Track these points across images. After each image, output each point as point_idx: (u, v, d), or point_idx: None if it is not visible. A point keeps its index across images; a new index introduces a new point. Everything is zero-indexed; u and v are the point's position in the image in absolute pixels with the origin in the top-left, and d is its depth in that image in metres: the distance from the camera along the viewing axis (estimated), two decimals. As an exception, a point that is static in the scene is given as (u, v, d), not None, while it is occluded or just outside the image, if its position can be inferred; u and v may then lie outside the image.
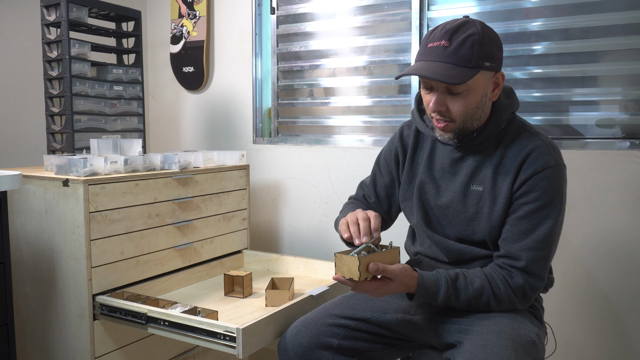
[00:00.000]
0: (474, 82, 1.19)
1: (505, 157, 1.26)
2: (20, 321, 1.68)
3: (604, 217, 1.77)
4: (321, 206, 2.30)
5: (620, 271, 1.75)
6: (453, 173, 1.33)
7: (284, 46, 2.47)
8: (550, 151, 1.24)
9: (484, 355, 1.07)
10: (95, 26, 2.03)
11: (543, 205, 1.21)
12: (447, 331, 1.23)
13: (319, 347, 1.27)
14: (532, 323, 1.23)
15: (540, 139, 1.26)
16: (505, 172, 1.25)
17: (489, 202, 1.26)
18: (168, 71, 2.72)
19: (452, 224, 1.33)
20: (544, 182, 1.21)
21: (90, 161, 1.59)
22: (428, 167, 1.38)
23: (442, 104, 1.22)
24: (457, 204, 1.31)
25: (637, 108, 1.78)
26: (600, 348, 1.79)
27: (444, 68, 1.16)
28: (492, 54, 1.21)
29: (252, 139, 2.50)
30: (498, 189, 1.25)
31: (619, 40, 1.79)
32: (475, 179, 1.29)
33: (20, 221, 1.66)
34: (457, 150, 1.32)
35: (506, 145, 1.27)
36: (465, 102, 1.20)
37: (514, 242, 1.22)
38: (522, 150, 1.24)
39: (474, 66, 1.17)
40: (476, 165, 1.29)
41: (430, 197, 1.36)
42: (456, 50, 1.16)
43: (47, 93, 1.97)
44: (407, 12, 2.15)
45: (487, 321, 1.19)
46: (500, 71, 1.25)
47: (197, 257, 1.91)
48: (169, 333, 1.41)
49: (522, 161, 1.23)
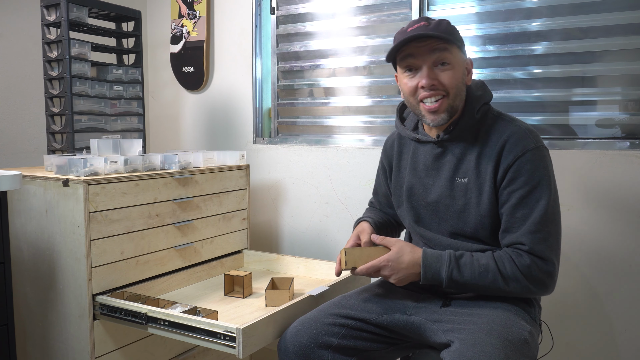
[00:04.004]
0: (454, 56, 1.28)
1: (485, 147, 1.29)
2: (20, 321, 1.68)
3: (603, 217, 1.76)
4: (321, 206, 2.30)
5: (620, 271, 1.75)
6: (437, 169, 1.36)
7: (284, 46, 2.47)
8: (528, 135, 1.27)
9: (473, 355, 1.08)
10: (95, 26, 2.03)
11: (532, 188, 1.23)
12: (441, 330, 1.23)
13: (319, 346, 1.27)
14: (526, 321, 1.23)
15: (516, 124, 1.29)
16: (486, 161, 1.28)
17: (476, 192, 1.29)
18: (168, 71, 2.72)
19: (444, 219, 1.35)
20: (528, 166, 1.23)
21: (90, 161, 1.59)
22: (413, 169, 1.42)
23: (433, 77, 1.27)
24: (445, 198, 1.33)
25: (637, 108, 1.78)
26: (600, 348, 1.79)
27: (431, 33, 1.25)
28: (461, 40, 1.32)
29: (252, 139, 2.50)
30: (482, 178, 1.28)
31: (619, 40, 1.79)
32: (459, 171, 1.32)
33: (20, 221, 1.66)
34: (437, 146, 1.36)
35: (484, 135, 1.31)
36: (453, 74, 1.28)
37: (514, 230, 1.24)
38: (500, 138, 1.28)
39: (452, 40, 1.27)
40: (458, 158, 1.33)
41: (419, 197, 1.40)
42: (437, 26, 1.27)
43: (47, 93, 1.97)
44: (407, 12, 2.15)
45: (479, 320, 1.19)
46: (470, 59, 1.35)
47: (197, 257, 1.91)
48: (169, 333, 1.41)
49: (501, 148, 1.26)
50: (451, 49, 1.27)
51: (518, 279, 1.22)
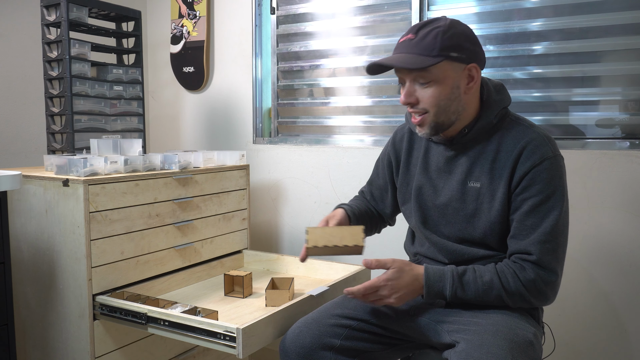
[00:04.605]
0: (440, 72, 1.20)
1: (500, 152, 1.26)
2: (20, 321, 1.68)
3: (604, 217, 1.77)
4: (321, 206, 2.30)
5: (620, 271, 1.75)
6: (449, 172, 1.33)
7: (284, 46, 2.47)
8: (546, 143, 1.23)
9: (480, 355, 1.08)
10: (95, 26, 2.03)
11: (546, 197, 1.20)
12: (445, 331, 1.23)
13: (321, 347, 1.26)
14: (530, 323, 1.23)
15: (535, 131, 1.26)
16: (501, 166, 1.25)
17: (488, 197, 1.26)
18: (168, 71, 2.72)
19: (451, 223, 1.32)
20: (544, 174, 1.21)
21: (90, 161, 1.59)
22: (424, 168, 1.38)
23: (410, 95, 1.24)
24: (455, 202, 1.31)
25: (637, 108, 1.78)
26: (600, 348, 1.79)
27: (406, 57, 1.20)
28: (460, 45, 1.21)
29: (252, 139, 2.50)
30: (496, 184, 1.25)
31: (619, 40, 1.79)
32: (472, 175, 1.29)
33: (20, 221, 1.66)
34: (450, 149, 1.33)
35: (500, 139, 1.27)
36: (435, 92, 1.22)
37: (522, 238, 1.22)
38: (517, 144, 1.24)
39: (436, 55, 1.19)
40: (471, 162, 1.29)
41: (428, 198, 1.37)
42: (420, 41, 1.20)
43: (47, 93, 1.97)
44: (407, 12, 2.15)
45: (484, 321, 1.19)
46: (474, 64, 1.24)
47: (197, 257, 1.91)
48: (169, 333, 1.41)
49: (519, 155, 1.23)
50: (432, 68, 1.20)
51: (522, 294, 1.21)
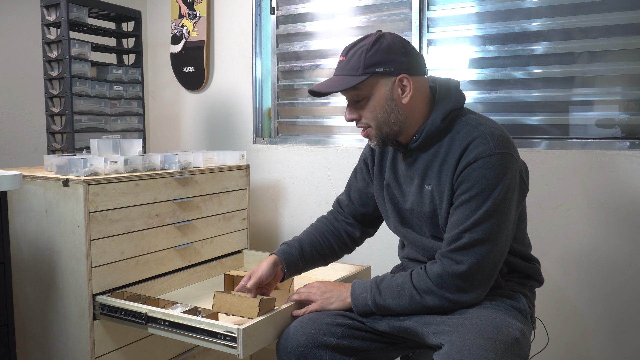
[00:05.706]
0: (370, 88, 1.27)
1: (448, 154, 1.28)
2: (20, 321, 1.68)
3: (604, 217, 1.77)
4: (321, 206, 2.30)
5: (619, 271, 1.75)
6: (411, 177, 1.36)
7: (284, 46, 2.47)
8: (488, 141, 1.22)
9: (461, 357, 1.07)
10: (95, 26, 2.03)
11: (474, 194, 1.21)
12: (432, 333, 1.22)
13: (317, 346, 1.27)
14: (517, 319, 1.22)
15: (480, 130, 1.25)
16: (448, 168, 1.27)
17: (439, 199, 1.29)
18: (168, 71, 2.72)
19: (419, 225, 1.37)
20: (476, 173, 1.21)
21: (90, 161, 1.59)
22: (393, 172, 1.42)
23: (352, 112, 1.31)
24: (416, 205, 1.34)
25: (637, 108, 1.78)
26: (600, 348, 1.79)
27: (335, 80, 1.28)
28: (384, 59, 1.25)
29: (252, 139, 2.50)
30: (443, 185, 1.28)
31: (619, 40, 1.79)
32: (426, 178, 1.32)
33: (20, 221, 1.66)
34: (408, 155, 1.36)
35: (450, 141, 1.28)
36: (370, 107, 1.29)
37: (447, 233, 1.25)
38: (462, 144, 1.25)
39: (361, 73, 1.25)
40: (426, 165, 1.32)
41: (397, 203, 1.41)
42: (347, 62, 1.28)
43: (47, 93, 1.97)
44: (407, 12, 2.15)
45: (468, 321, 1.18)
46: (404, 75, 1.26)
47: (197, 257, 1.91)
48: (169, 333, 1.41)
49: (461, 155, 1.25)
50: (361, 85, 1.25)
51: (431, 289, 1.22)
